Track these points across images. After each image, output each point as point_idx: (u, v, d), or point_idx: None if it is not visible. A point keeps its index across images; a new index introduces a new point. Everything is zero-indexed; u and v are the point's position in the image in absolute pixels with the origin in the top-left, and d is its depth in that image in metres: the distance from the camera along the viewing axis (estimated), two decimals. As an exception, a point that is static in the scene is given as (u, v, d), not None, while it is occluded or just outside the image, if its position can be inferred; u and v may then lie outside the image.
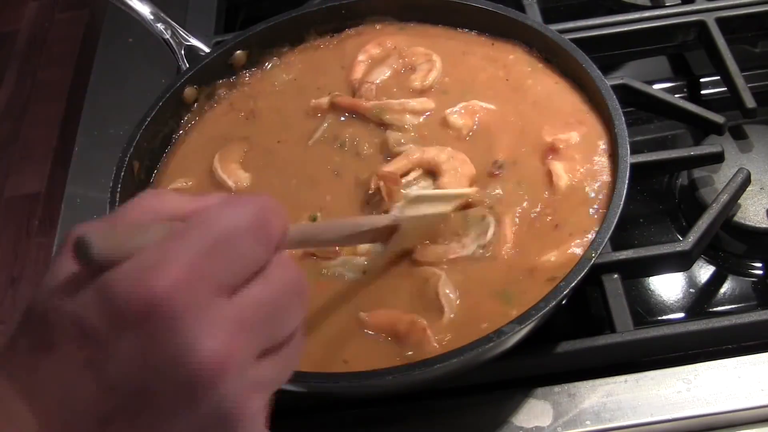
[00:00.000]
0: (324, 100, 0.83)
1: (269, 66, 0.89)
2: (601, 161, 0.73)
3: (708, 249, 0.79)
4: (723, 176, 0.81)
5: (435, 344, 0.63)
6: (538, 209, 0.71)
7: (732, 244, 0.81)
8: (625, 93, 0.85)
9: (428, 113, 0.81)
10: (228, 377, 0.38)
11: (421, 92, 0.83)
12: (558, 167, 0.73)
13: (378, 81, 0.84)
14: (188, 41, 0.88)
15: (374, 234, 0.64)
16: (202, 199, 0.43)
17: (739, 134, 0.85)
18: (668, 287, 0.80)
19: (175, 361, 0.37)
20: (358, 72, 0.86)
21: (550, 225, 0.70)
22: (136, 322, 0.37)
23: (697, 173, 0.83)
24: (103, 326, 0.37)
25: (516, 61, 0.84)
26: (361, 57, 0.87)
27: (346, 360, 0.64)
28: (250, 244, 0.40)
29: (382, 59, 0.86)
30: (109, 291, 0.37)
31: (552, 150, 0.74)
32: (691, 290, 0.80)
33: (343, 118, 0.82)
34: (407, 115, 0.80)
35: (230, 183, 0.78)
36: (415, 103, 0.81)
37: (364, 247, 0.69)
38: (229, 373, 0.38)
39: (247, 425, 0.40)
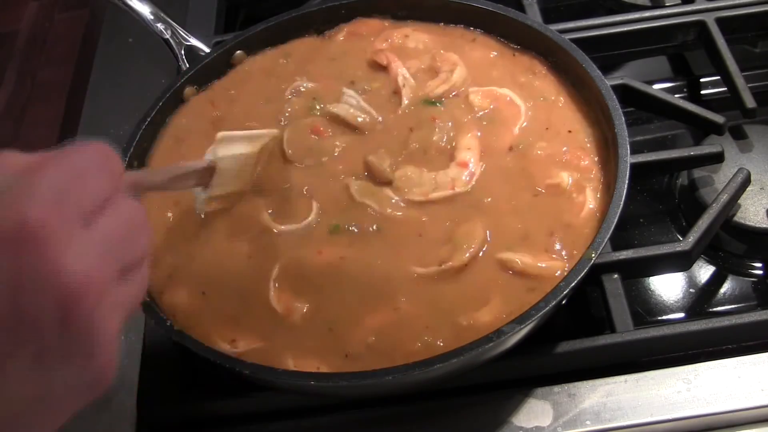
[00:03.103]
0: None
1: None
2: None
3: (708, 249, 0.79)
4: (723, 176, 0.81)
5: None
6: None
7: (732, 244, 0.81)
8: (625, 93, 0.85)
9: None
10: (95, 296, 0.41)
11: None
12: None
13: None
14: (188, 41, 0.88)
15: (197, 177, 0.66)
16: (45, 153, 0.46)
17: (739, 134, 0.85)
18: (668, 287, 0.80)
19: (48, 281, 0.40)
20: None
21: None
22: (8, 247, 0.39)
23: (697, 173, 0.83)
24: None
25: (542, 87, 0.81)
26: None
27: None
28: (99, 178, 0.45)
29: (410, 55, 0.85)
30: None
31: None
32: (691, 290, 0.80)
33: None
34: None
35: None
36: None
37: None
38: (96, 292, 0.42)
39: (108, 345, 0.43)
